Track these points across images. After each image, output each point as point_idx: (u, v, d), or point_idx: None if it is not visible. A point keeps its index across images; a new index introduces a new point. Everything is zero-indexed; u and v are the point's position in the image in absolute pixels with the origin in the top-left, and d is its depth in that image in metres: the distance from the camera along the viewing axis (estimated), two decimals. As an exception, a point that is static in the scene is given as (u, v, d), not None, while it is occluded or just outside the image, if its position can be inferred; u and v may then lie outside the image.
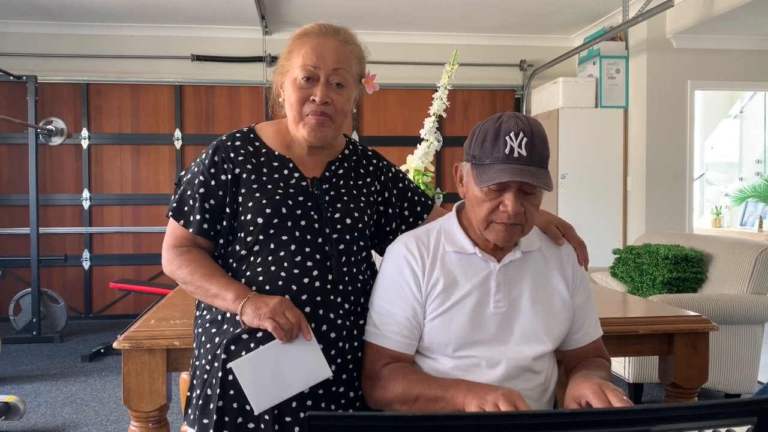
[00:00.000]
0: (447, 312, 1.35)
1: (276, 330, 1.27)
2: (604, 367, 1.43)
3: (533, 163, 1.26)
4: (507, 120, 1.28)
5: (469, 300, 1.36)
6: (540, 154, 1.28)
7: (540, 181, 1.26)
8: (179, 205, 1.44)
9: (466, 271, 1.38)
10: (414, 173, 2.47)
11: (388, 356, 1.38)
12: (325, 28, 1.43)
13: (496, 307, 1.36)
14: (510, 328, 1.36)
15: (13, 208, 5.92)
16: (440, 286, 1.36)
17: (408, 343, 1.38)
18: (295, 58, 1.41)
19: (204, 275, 1.37)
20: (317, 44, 1.40)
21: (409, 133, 5.95)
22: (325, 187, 1.45)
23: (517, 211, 1.28)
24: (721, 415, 0.70)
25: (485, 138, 1.29)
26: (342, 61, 1.41)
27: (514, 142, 1.25)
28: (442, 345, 1.36)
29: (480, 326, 1.35)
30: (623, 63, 5.60)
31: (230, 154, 1.43)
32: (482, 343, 1.35)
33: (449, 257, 1.39)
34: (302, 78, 1.39)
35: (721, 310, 3.23)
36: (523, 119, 1.29)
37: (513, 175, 1.24)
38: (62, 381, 4.05)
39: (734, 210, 6.71)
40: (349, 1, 5.34)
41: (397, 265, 1.40)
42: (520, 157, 1.25)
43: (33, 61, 5.83)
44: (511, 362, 1.34)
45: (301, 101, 1.40)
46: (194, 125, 6.12)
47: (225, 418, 1.33)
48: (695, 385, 1.85)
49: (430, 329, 1.37)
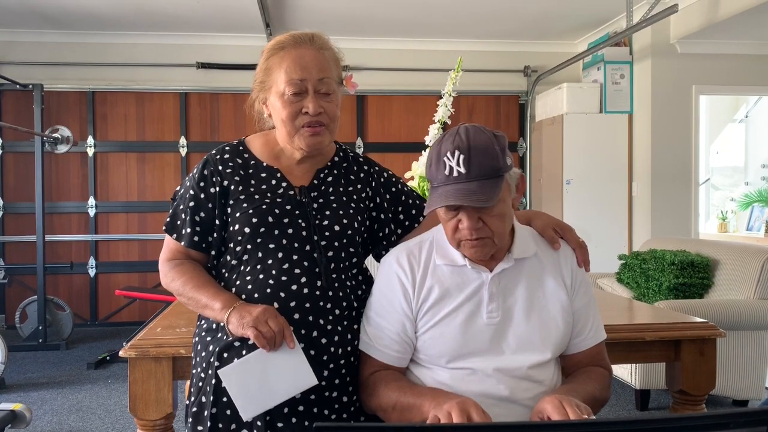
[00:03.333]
0: (438, 324, 1.35)
1: (258, 338, 1.28)
2: (597, 377, 1.40)
3: (473, 178, 1.26)
4: (446, 139, 1.29)
5: (461, 312, 1.35)
6: (481, 167, 1.26)
7: (474, 198, 1.24)
8: (172, 220, 1.47)
9: (458, 283, 1.37)
10: (419, 180, 2.47)
11: (379, 366, 1.39)
12: (299, 37, 1.43)
13: (490, 318, 1.35)
14: (505, 338, 1.35)
15: (19, 215, 5.94)
16: (431, 299, 1.36)
17: (398, 357, 1.39)
18: (276, 73, 1.41)
19: (195, 286, 1.40)
20: (297, 56, 1.40)
21: (414, 140, 5.95)
22: (313, 195, 1.46)
23: (473, 227, 1.28)
24: (730, 425, 0.69)
25: (431, 161, 1.31)
26: (324, 70, 1.41)
27: (452, 161, 1.26)
28: (435, 357, 1.36)
29: (473, 337, 1.34)
30: (628, 68, 5.60)
31: (218, 167, 1.45)
32: (476, 354, 1.34)
33: (440, 270, 1.38)
34: (291, 93, 1.39)
35: (728, 315, 3.21)
36: (462, 134, 1.28)
37: (447, 199, 1.25)
38: (68, 388, 4.06)
39: (740, 215, 6.68)
40: (352, 9, 5.35)
41: (387, 280, 1.41)
42: (460, 175, 1.26)
43: (39, 70, 5.86)
44: (507, 373, 1.32)
45: (293, 116, 1.41)
46: (199, 133, 6.14)
47: (218, 425, 1.35)
48: (703, 392, 1.84)
49: (423, 342, 1.37)
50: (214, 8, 5.26)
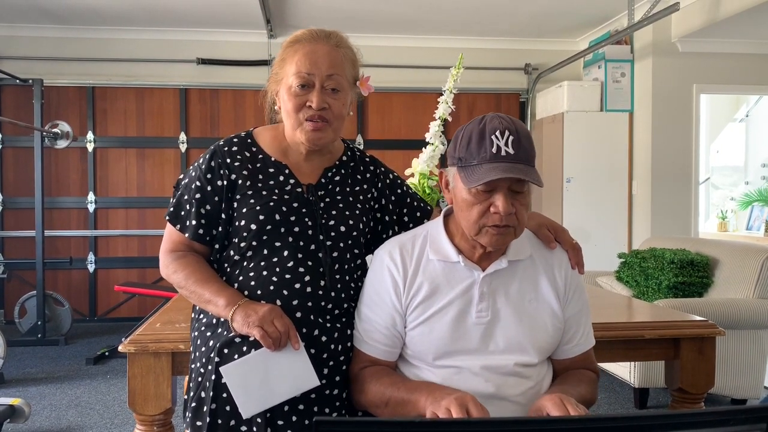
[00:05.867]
0: (427, 321, 1.34)
1: (264, 338, 1.28)
2: (587, 380, 1.40)
3: (521, 160, 1.24)
4: (491, 120, 1.27)
5: (450, 309, 1.34)
6: (527, 152, 1.26)
7: (530, 177, 1.24)
8: (176, 210, 1.45)
9: (449, 280, 1.36)
10: (419, 177, 2.47)
11: (368, 361, 1.39)
12: (317, 33, 1.43)
13: (479, 317, 1.33)
14: (493, 339, 1.34)
15: (18, 211, 5.94)
16: (421, 295, 1.35)
17: (388, 351, 1.38)
18: (288, 65, 1.42)
19: (198, 280, 1.39)
20: (310, 51, 1.40)
21: (414, 137, 5.94)
22: (320, 194, 1.46)
23: (508, 211, 1.25)
24: (730, 422, 0.69)
25: (470, 139, 1.27)
26: (335, 66, 1.41)
27: (501, 140, 1.24)
28: (423, 354, 1.35)
29: (462, 336, 1.33)
30: (628, 67, 5.59)
31: (227, 160, 1.43)
32: (463, 352, 1.33)
33: (432, 265, 1.37)
34: (297, 85, 1.40)
35: (728, 314, 3.22)
36: (506, 118, 1.28)
37: (504, 172, 1.22)
38: (67, 384, 4.06)
39: (740, 214, 6.68)
40: (353, 5, 5.34)
41: (379, 273, 1.40)
42: (508, 155, 1.24)
43: (39, 65, 5.86)
44: (494, 370, 1.32)
45: (297, 108, 1.41)
46: (199, 128, 6.13)
47: (218, 421, 1.35)
48: (702, 391, 1.84)
49: (412, 338, 1.36)
50: (215, 4, 5.25)
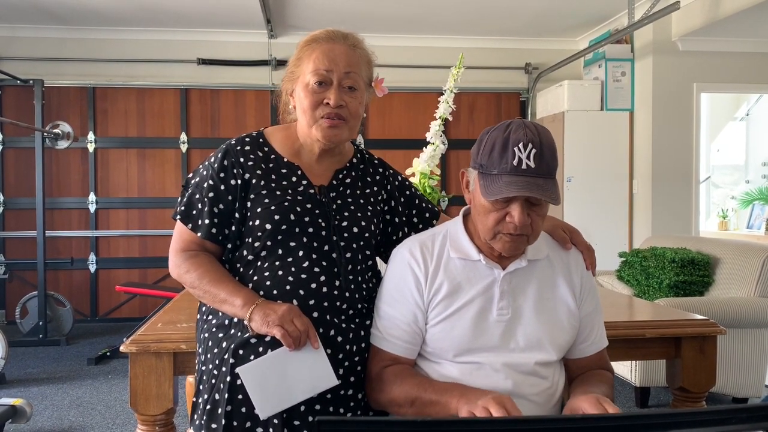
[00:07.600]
0: (449, 318, 1.35)
1: (284, 337, 1.28)
2: (606, 380, 1.42)
3: (541, 174, 1.25)
4: (516, 130, 1.26)
5: (472, 307, 1.35)
6: (548, 166, 1.26)
7: (547, 194, 1.25)
8: (187, 209, 1.43)
9: (470, 278, 1.37)
10: (420, 176, 2.47)
11: (389, 359, 1.39)
12: (334, 33, 1.44)
13: (500, 315, 1.35)
14: (513, 336, 1.36)
15: (20, 211, 5.94)
16: (443, 292, 1.36)
17: (409, 348, 1.39)
18: (305, 64, 1.42)
19: (212, 280, 1.38)
20: (328, 49, 1.41)
21: (415, 137, 5.94)
22: (332, 195, 1.46)
23: (523, 223, 1.27)
24: (731, 421, 0.69)
25: (493, 147, 1.27)
26: (353, 65, 1.42)
27: (523, 153, 1.24)
28: (444, 350, 1.36)
29: (483, 333, 1.34)
30: (629, 66, 5.59)
31: (240, 159, 1.43)
32: (485, 349, 1.34)
33: (453, 263, 1.39)
34: (315, 83, 1.40)
35: (729, 313, 3.21)
36: (532, 129, 1.27)
37: (520, 189, 1.23)
38: (68, 384, 4.06)
39: (741, 213, 6.68)
40: (354, 5, 5.34)
41: (400, 270, 1.41)
42: (528, 168, 1.24)
43: (40, 65, 5.86)
44: (514, 368, 1.34)
45: (314, 105, 1.41)
46: (200, 129, 6.13)
47: (233, 423, 1.33)
48: (703, 389, 1.84)
49: (433, 335, 1.37)
50: (215, 4, 5.25)
